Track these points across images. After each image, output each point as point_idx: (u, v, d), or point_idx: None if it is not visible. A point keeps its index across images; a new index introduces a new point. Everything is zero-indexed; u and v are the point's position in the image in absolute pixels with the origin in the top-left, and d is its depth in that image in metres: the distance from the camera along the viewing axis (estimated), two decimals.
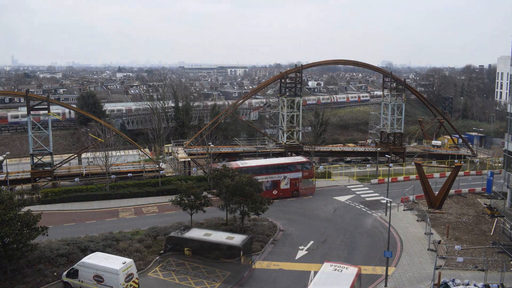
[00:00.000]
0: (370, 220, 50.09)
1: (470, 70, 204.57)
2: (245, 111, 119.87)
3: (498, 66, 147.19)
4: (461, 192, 59.63)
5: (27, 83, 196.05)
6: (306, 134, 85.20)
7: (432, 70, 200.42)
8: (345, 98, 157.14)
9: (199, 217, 46.08)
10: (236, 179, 42.88)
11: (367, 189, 62.81)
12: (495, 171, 64.31)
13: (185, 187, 43.92)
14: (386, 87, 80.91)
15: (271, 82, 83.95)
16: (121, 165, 65.76)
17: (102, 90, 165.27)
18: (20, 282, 34.03)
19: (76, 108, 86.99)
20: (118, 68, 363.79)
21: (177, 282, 35.49)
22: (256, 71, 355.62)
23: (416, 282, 35.30)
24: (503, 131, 78.40)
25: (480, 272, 36.22)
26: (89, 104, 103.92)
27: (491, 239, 43.48)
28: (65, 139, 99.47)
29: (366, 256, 40.52)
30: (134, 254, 38.90)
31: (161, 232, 43.47)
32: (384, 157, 71.53)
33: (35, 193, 55.64)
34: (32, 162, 60.18)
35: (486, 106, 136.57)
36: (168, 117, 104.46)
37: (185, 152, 67.88)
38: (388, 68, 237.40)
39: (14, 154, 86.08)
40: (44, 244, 39.03)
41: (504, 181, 51.49)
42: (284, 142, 73.24)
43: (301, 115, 75.16)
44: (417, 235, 44.86)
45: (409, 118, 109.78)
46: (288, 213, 52.11)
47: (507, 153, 50.51)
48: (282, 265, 38.67)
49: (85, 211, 52.66)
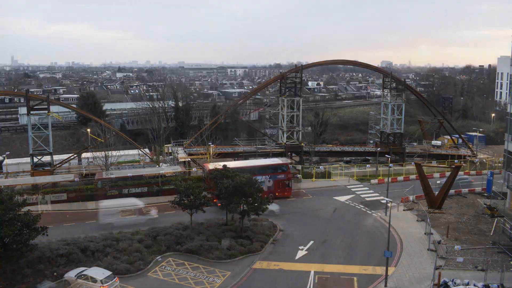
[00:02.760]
0: (370, 220, 50.09)
1: (470, 70, 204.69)
2: (245, 111, 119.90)
3: (498, 66, 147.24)
4: (461, 192, 59.66)
5: (27, 83, 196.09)
6: (306, 134, 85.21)
7: (432, 70, 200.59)
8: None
9: (199, 217, 46.08)
10: (235, 180, 42.87)
11: (367, 189, 62.81)
12: (495, 171, 64.32)
13: (184, 187, 43.93)
14: (386, 87, 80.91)
15: (271, 82, 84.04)
16: (121, 164, 65.70)
17: (102, 90, 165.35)
18: (20, 282, 34.05)
19: (76, 108, 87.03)
20: (118, 68, 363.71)
21: (177, 282, 35.49)
22: (256, 71, 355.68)
23: (416, 282, 35.31)
24: (503, 131, 78.38)
25: (480, 272, 36.20)
26: (89, 104, 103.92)
27: (491, 239, 43.46)
28: (65, 139, 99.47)
29: (366, 256, 40.52)
30: (134, 254, 38.90)
31: (161, 232, 43.45)
32: (384, 157, 71.54)
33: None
34: (32, 162, 60.17)
35: (486, 106, 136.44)
36: (168, 117, 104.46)
37: (185, 152, 67.88)
38: (388, 68, 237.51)
39: (14, 154, 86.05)
40: (44, 244, 38.95)
41: (504, 181, 51.49)
42: (284, 142, 73.24)
43: (301, 115, 75.17)
44: (417, 235, 44.85)
45: (409, 118, 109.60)
46: (288, 213, 52.10)
47: (507, 153, 50.51)
48: (282, 265, 38.66)
49: (85, 211, 52.65)
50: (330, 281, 35.77)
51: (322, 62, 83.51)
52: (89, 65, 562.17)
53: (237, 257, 39.83)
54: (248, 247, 41.07)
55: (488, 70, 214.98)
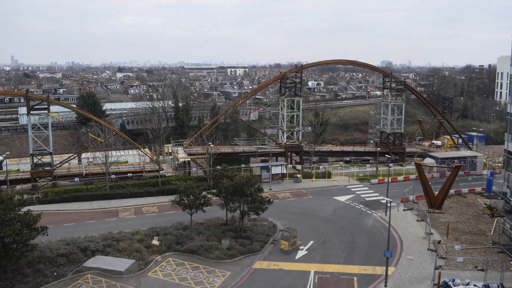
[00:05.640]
0: (370, 220, 50.09)
1: (470, 70, 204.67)
2: (245, 111, 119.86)
3: (498, 66, 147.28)
4: (461, 192, 59.66)
5: (27, 83, 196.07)
6: (306, 134, 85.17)
7: (432, 70, 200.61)
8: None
9: (199, 217, 46.07)
10: (235, 179, 42.85)
11: (367, 189, 62.81)
12: (495, 171, 64.33)
13: (184, 187, 43.92)
14: (386, 87, 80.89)
15: (271, 82, 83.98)
16: (121, 165, 65.75)
17: (102, 90, 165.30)
18: (20, 282, 34.04)
19: (76, 108, 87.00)
20: (118, 68, 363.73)
21: (177, 282, 35.49)
22: (256, 71, 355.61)
23: (416, 282, 35.31)
24: (503, 131, 78.38)
25: (480, 272, 36.23)
26: (89, 104, 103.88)
27: (491, 239, 43.50)
28: (65, 139, 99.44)
29: (366, 256, 40.52)
30: (134, 254, 38.90)
31: (161, 232, 43.45)
32: (384, 157, 71.60)
33: (35, 193, 55.63)
34: (32, 162, 60.16)
35: (486, 106, 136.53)
36: (168, 117, 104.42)
37: (185, 152, 67.87)
38: (388, 68, 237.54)
39: (14, 154, 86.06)
40: (44, 244, 39.01)
41: (504, 181, 51.49)
42: (284, 142, 73.25)
43: (301, 115, 75.16)
44: (417, 235, 44.86)
45: (409, 118, 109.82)
46: (288, 213, 52.10)
47: (507, 153, 50.49)
48: (282, 265, 38.66)
49: (85, 211, 52.66)
50: (330, 281, 35.78)
51: (322, 62, 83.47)
52: (89, 65, 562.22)
53: (237, 257, 39.83)
54: (248, 247, 41.07)
55: (488, 70, 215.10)
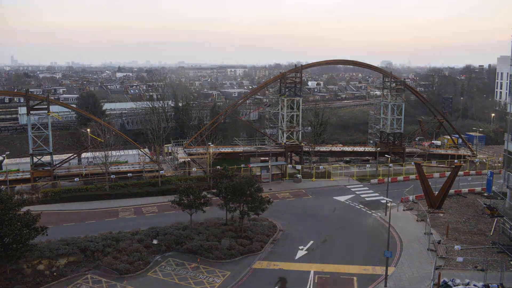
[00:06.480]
0: (370, 220, 50.08)
1: (470, 70, 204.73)
2: (245, 111, 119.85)
3: (498, 66, 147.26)
4: (461, 192, 59.64)
5: (27, 83, 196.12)
6: (306, 134, 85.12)
7: (432, 70, 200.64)
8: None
9: (199, 217, 46.06)
10: (235, 179, 42.85)
11: (366, 189, 62.79)
12: (495, 171, 64.29)
13: (184, 187, 43.90)
14: (386, 87, 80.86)
15: (271, 82, 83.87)
16: (121, 165, 65.73)
17: (102, 90, 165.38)
18: (20, 282, 34.05)
19: (76, 108, 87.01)
20: (118, 68, 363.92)
21: (177, 282, 35.48)
22: (256, 71, 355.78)
23: (416, 282, 35.30)
24: (503, 131, 78.36)
25: (480, 272, 36.23)
26: (89, 104, 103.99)
27: (491, 239, 43.49)
28: (65, 139, 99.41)
29: (366, 256, 40.50)
30: (134, 254, 38.88)
31: (160, 232, 43.43)
32: (384, 157, 71.53)
33: (35, 193, 55.60)
34: (32, 162, 60.14)
35: (486, 106, 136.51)
36: (168, 117, 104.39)
37: (185, 152, 67.83)
38: (388, 68, 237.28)
39: (14, 154, 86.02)
40: (44, 244, 38.98)
41: (504, 181, 51.44)
42: (284, 142, 73.21)
43: (301, 115, 75.12)
44: (417, 235, 44.84)
45: (409, 118, 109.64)
46: (288, 213, 52.08)
47: (507, 153, 50.45)
48: (282, 265, 38.65)
49: (85, 211, 52.64)
50: (330, 281, 35.77)
51: (322, 62, 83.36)
52: (89, 65, 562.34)
53: (237, 257, 39.83)
54: (248, 247, 41.07)
55: (488, 70, 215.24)
